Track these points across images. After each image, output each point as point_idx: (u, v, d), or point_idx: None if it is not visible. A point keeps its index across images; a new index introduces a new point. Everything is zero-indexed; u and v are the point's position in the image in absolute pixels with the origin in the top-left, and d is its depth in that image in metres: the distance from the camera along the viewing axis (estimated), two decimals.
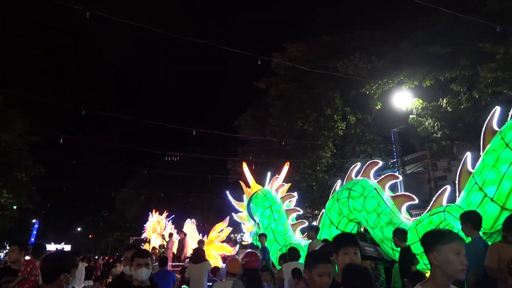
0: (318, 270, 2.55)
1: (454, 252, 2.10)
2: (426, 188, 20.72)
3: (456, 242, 2.14)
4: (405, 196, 7.76)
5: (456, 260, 2.09)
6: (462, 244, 2.15)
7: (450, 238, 2.15)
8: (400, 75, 14.82)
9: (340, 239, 2.94)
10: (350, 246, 2.76)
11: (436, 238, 2.21)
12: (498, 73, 11.30)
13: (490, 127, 5.89)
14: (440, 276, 2.15)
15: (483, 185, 5.71)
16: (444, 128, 13.89)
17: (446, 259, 2.11)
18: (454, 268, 2.09)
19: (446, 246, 2.12)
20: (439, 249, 2.14)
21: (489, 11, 11.24)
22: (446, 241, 2.14)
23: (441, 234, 2.24)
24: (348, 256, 2.70)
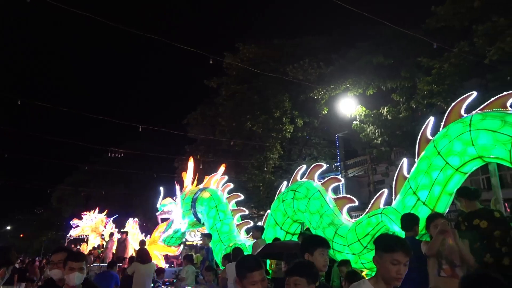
0: (250, 280, 2.39)
1: (392, 262, 2.22)
2: (365, 191, 21.79)
3: (398, 253, 2.23)
4: (346, 198, 8.11)
5: (392, 269, 2.21)
6: (405, 256, 2.24)
7: (393, 248, 2.25)
8: (346, 83, 15.46)
9: (315, 240, 3.01)
10: (325, 247, 2.87)
11: (382, 244, 2.33)
12: (433, 86, 12.18)
13: (425, 136, 6.34)
14: (380, 278, 2.30)
15: (416, 190, 6.13)
16: (384, 135, 14.71)
17: (384, 266, 2.25)
18: (389, 276, 2.23)
19: (387, 255, 2.24)
20: (381, 255, 2.27)
21: (427, 29, 12.09)
22: (389, 250, 2.25)
23: (387, 241, 2.35)
24: (323, 257, 2.81)
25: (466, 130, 5.54)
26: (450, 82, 11.91)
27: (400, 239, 2.40)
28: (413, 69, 13.54)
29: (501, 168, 5.93)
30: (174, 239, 12.72)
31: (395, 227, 6.10)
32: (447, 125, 5.98)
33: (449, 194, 5.92)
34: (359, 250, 6.77)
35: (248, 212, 16.17)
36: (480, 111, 5.60)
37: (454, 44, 11.25)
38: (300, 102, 19.09)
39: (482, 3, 10.65)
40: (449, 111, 6.08)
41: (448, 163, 5.77)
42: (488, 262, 4.06)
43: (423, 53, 12.33)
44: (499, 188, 5.80)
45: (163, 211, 13.16)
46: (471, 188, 4.70)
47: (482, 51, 10.42)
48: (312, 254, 2.80)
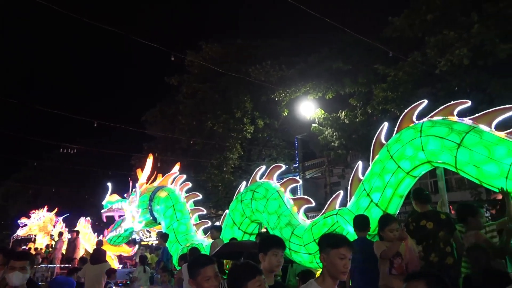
0: (203, 275, 2.39)
1: (339, 256, 2.38)
2: (322, 192, 22.33)
3: (344, 248, 2.40)
4: (303, 199, 8.26)
5: (339, 263, 2.37)
6: (349, 250, 2.42)
7: (339, 244, 2.42)
8: (306, 86, 15.78)
9: (270, 241, 3.03)
10: (279, 248, 2.88)
11: (328, 242, 2.49)
12: (388, 93, 12.72)
13: (379, 140, 6.60)
14: (327, 275, 2.42)
15: (370, 192, 6.37)
16: (341, 138, 15.16)
17: (332, 262, 2.39)
18: (337, 270, 2.37)
19: (334, 251, 2.39)
20: (328, 252, 2.41)
21: (384, 38, 12.61)
22: (335, 246, 2.41)
23: (333, 238, 2.52)
24: (276, 258, 2.81)
25: (417, 136, 5.84)
26: (403, 90, 12.48)
27: (342, 236, 2.59)
28: (370, 75, 14.07)
29: (447, 173, 6.31)
30: (121, 239, 12.38)
31: (349, 227, 6.30)
32: (400, 130, 6.26)
33: (400, 196, 6.21)
34: (315, 250, 6.93)
35: (206, 212, 16.05)
36: (430, 118, 5.92)
37: (408, 54, 11.81)
38: (262, 103, 19.24)
39: (434, 17, 11.27)
40: (402, 117, 6.37)
41: (400, 167, 6.05)
42: (433, 261, 4.31)
43: (379, 61, 12.84)
44: (445, 191, 6.17)
45: (110, 209, 12.75)
46: (425, 192, 4.98)
47: (433, 61, 11.01)
48: (266, 254, 2.83)
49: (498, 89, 10.40)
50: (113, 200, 12.68)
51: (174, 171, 11.78)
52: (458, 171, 5.51)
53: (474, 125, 5.38)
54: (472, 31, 9.82)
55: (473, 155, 5.18)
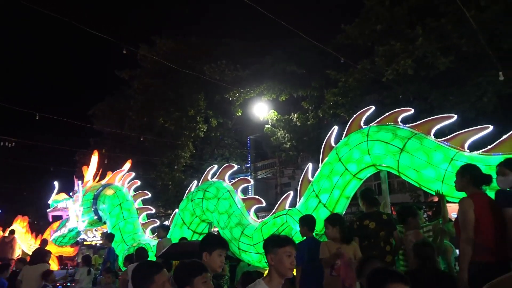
0: (158, 282, 2.33)
1: (286, 254, 2.52)
2: (273, 192, 22.63)
3: (289, 246, 2.56)
4: (254, 199, 8.33)
5: (287, 261, 2.52)
6: (294, 248, 2.59)
7: (285, 243, 2.57)
8: (260, 87, 15.93)
9: (215, 240, 3.03)
10: (224, 249, 2.92)
11: (274, 242, 2.62)
12: (339, 98, 13.19)
13: (329, 143, 6.83)
14: (275, 274, 2.54)
15: (319, 193, 6.56)
16: (293, 140, 15.48)
17: (279, 260, 2.51)
18: (285, 268, 2.51)
19: (281, 249, 2.53)
20: (276, 251, 2.54)
21: (336, 44, 13.05)
22: (282, 245, 2.55)
23: (279, 239, 2.65)
24: (220, 258, 2.86)
25: (364, 140, 6.11)
26: (353, 96, 13.00)
27: (286, 236, 2.76)
28: (322, 80, 14.51)
29: (390, 176, 6.65)
30: (67, 239, 11.77)
31: (298, 227, 6.44)
32: (348, 134, 6.52)
33: (346, 197, 6.46)
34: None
35: (155, 211, 15.68)
36: (377, 124, 6.22)
37: (358, 61, 12.32)
38: (215, 102, 19.14)
39: (383, 28, 11.86)
40: (350, 122, 6.64)
41: (347, 169, 6.30)
42: None
43: (331, 67, 13.27)
44: (388, 193, 6.50)
45: (56, 208, 12.10)
46: (373, 195, 5.24)
47: (381, 70, 11.58)
48: (210, 253, 2.84)
49: (438, 99, 11.16)
50: (60, 199, 12.01)
51: (125, 168, 11.37)
52: (400, 174, 5.84)
53: (415, 131, 5.73)
54: (417, 44, 10.44)
55: (414, 159, 5.51)
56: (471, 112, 10.51)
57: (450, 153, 5.26)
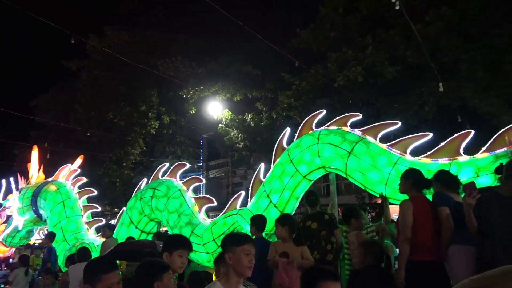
0: (106, 282, 2.21)
1: (245, 253, 2.45)
2: (224, 192, 22.63)
3: (247, 244, 2.50)
4: (205, 198, 8.27)
5: (245, 260, 2.44)
6: (253, 246, 2.52)
7: (243, 241, 2.51)
8: (215, 86, 15.85)
9: (177, 241, 2.98)
10: (185, 249, 2.86)
11: (232, 240, 2.55)
12: (292, 101, 13.46)
13: (281, 144, 6.95)
14: (232, 274, 2.46)
15: (270, 193, 6.65)
16: (246, 140, 15.57)
17: (237, 259, 2.44)
18: (243, 266, 2.43)
19: (239, 248, 2.46)
20: (234, 250, 2.46)
21: (292, 48, 13.32)
22: (240, 243, 2.48)
23: (236, 236, 2.60)
24: (181, 259, 2.81)
25: (315, 142, 6.29)
26: (305, 99, 13.33)
27: (244, 234, 2.72)
28: (277, 82, 14.73)
29: (338, 178, 6.90)
30: (18, 239, 10.98)
31: (248, 227, 6.49)
32: (300, 136, 6.68)
33: (296, 198, 6.61)
34: (214, 248, 6.98)
35: (101, 209, 15.05)
36: (327, 127, 6.43)
37: (312, 66, 12.65)
38: (169, 99, 18.73)
39: (337, 35, 12.28)
40: (302, 124, 6.80)
41: (298, 171, 6.45)
42: (316, 258, 4.69)
43: (286, 69, 13.52)
44: (336, 194, 6.74)
45: (4, 207, 11.28)
46: (312, 196, 5.41)
47: (333, 75, 11.98)
48: (171, 254, 2.81)
49: (385, 106, 11.76)
50: (10, 198, 11.16)
51: (75, 165, 10.77)
52: (347, 176, 6.08)
53: (363, 136, 5.99)
54: (367, 52, 10.93)
55: (361, 163, 5.77)
56: (414, 120, 11.19)
57: (394, 157, 5.56)
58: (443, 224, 3.74)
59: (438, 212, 3.79)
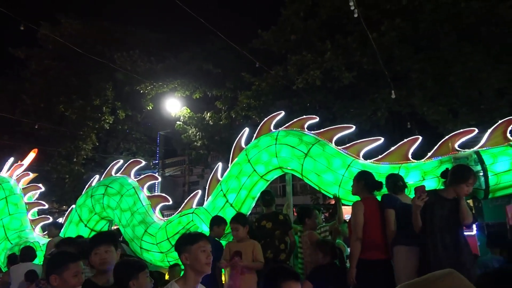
0: (72, 270, 2.35)
1: (201, 249, 2.45)
2: (180, 191, 22.30)
3: (202, 241, 2.51)
4: (160, 197, 8.10)
5: (203, 256, 2.44)
6: (208, 243, 2.53)
7: (197, 239, 2.51)
8: (174, 83, 15.56)
9: (93, 240, 2.93)
10: (100, 245, 2.78)
11: (186, 240, 2.54)
12: (251, 101, 13.53)
13: (239, 144, 6.97)
14: (191, 273, 2.45)
15: (226, 192, 6.65)
16: (204, 138, 15.43)
17: (195, 257, 2.43)
18: (201, 263, 2.43)
19: (195, 246, 2.46)
20: (189, 249, 2.46)
21: (253, 48, 13.38)
22: (194, 242, 2.48)
23: (190, 236, 2.61)
24: (98, 255, 2.72)
25: (273, 143, 6.37)
26: (265, 99, 13.45)
27: (197, 232, 2.80)
28: (237, 82, 14.74)
29: (294, 179, 7.03)
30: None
31: (204, 226, 6.45)
32: (258, 136, 6.73)
33: (252, 198, 6.65)
34: (167, 248, 6.87)
35: (48, 207, 14.29)
36: (285, 129, 6.54)
37: (272, 67, 12.78)
38: (125, 94, 18.13)
39: (297, 38, 12.50)
40: (261, 125, 6.86)
41: (255, 171, 6.50)
42: (269, 257, 4.76)
43: (246, 69, 13.57)
44: (291, 195, 6.87)
45: None
46: (267, 196, 5.50)
47: (292, 78, 12.18)
48: (89, 255, 2.79)
49: (340, 110, 12.13)
50: None
51: (28, 159, 10.12)
52: (303, 177, 6.21)
53: (319, 138, 6.16)
54: (325, 57, 11.22)
55: (316, 164, 5.92)
56: (367, 124, 11.64)
57: (348, 160, 5.76)
58: (387, 225, 3.95)
59: (385, 213, 3.99)
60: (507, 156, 4.68)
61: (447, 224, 3.54)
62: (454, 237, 3.50)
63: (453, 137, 5.29)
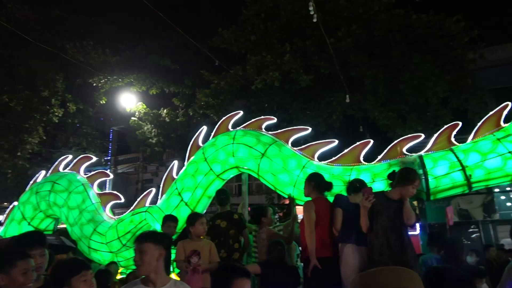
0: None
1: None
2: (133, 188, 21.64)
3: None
4: (112, 194, 7.84)
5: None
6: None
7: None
8: (130, 77, 15.10)
9: (23, 241, 2.76)
10: (34, 248, 2.63)
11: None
12: (210, 99, 13.43)
13: (196, 142, 6.90)
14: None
15: (181, 191, 6.56)
16: (160, 135, 15.12)
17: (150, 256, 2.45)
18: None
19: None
20: (149, 246, 2.47)
21: (213, 46, 13.30)
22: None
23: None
24: (34, 260, 2.52)
25: (230, 142, 6.37)
26: (223, 98, 13.41)
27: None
28: (196, 79, 14.57)
29: (250, 178, 7.09)
30: None
31: (157, 225, 6.32)
32: (216, 135, 6.70)
33: (208, 197, 6.61)
34: (117, 248, 6.66)
35: None
36: (243, 128, 6.56)
37: (231, 66, 12.78)
38: (76, 86, 17.29)
39: (257, 38, 12.59)
40: (219, 123, 6.84)
41: (212, 169, 6.46)
42: (222, 256, 4.77)
43: (206, 67, 13.45)
44: (247, 194, 6.90)
45: None
46: (222, 195, 5.50)
47: (251, 78, 12.25)
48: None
49: (297, 111, 12.37)
50: None
51: None
52: (259, 177, 6.27)
53: (276, 139, 6.24)
54: (284, 59, 11.39)
55: (272, 164, 5.99)
56: (322, 127, 11.96)
57: (303, 161, 5.89)
58: (333, 223, 4.11)
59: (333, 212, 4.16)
60: (446, 160, 5.00)
61: (392, 224, 3.73)
62: (399, 236, 3.70)
63: (401, 141, 5.57)
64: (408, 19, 10.89)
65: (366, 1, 10.99)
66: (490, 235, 14.10)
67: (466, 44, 10.84)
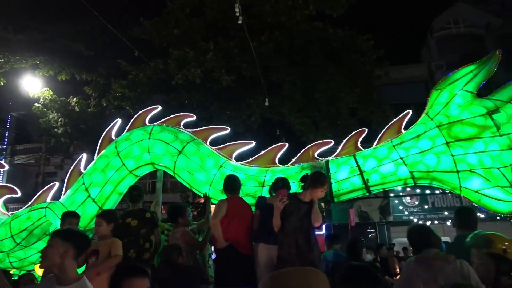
0: None
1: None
2: (33, 181, 19.71)
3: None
4: (6, 187, 7.02)
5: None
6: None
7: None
8: (36, 59, 13.67)
9: None
10: None
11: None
12: (126, 91, 12.79)
13: (108, 135, 6.50)
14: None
15: (89, 186, 6.13)
16: (67, 125, 13.95)
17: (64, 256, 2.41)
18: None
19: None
20: (67, 246, 2.44)
21: (133, 36, 12.68)
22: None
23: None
24: None
25: (146, 137, 6.13)
26: (141, 91, 12.88)
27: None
28: (112, 68, 13.75)
29: (165, 175, 6.90)
30: None
31: (58, 222, 5.82)
32: (131, 129, 6.39)
33: (119, 193, 6.28)
34: (10, 247, 5.99)
35: None
36: (161, 124, 6.36)
37: (152, 58, 12.32)
38: None
39: (181, 33, 12.33)
40: (135, 117, 6.53)
41: (124, 165, 6.15)
42: (131, 256, 4.59)
43: (124, 57, 12.77)
44: (161, 192, 6.71)
45: None
46: (135, 193, 5.28)
47: (172, 73, 11.96)
48: None
49: (217, 111, 12.42)
50: None
51: None
52: (175, 175, 6.13)
53: (194, 137, 6.17)
54: (207, 57, 11.34)
55: (189, 163, 5.91)
56: (241, 127, 12.17)
57: (220, 160, 5.91)
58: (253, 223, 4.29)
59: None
60: (348, 165, 5.42)
61: (301, 225, 3.95)
62: (307, 237, 3.93)
63: (314, 146, 5.90)
64: (326, 32, 11.61)
65: (289, 10, 11.45)
66: (385, 235, 15.70)
67: (373, 61, 11.91)
